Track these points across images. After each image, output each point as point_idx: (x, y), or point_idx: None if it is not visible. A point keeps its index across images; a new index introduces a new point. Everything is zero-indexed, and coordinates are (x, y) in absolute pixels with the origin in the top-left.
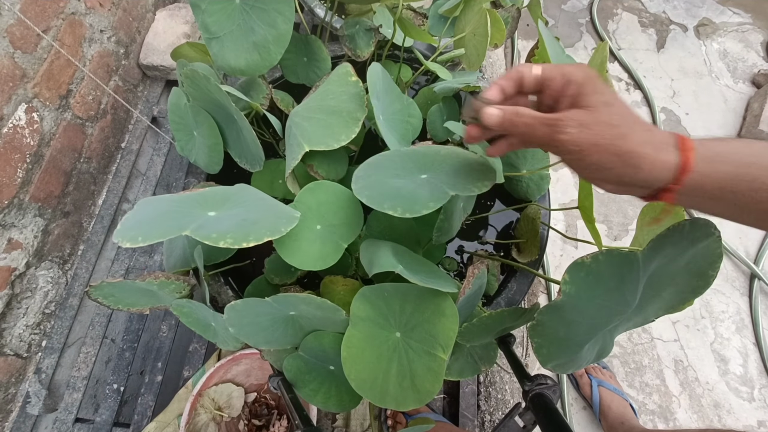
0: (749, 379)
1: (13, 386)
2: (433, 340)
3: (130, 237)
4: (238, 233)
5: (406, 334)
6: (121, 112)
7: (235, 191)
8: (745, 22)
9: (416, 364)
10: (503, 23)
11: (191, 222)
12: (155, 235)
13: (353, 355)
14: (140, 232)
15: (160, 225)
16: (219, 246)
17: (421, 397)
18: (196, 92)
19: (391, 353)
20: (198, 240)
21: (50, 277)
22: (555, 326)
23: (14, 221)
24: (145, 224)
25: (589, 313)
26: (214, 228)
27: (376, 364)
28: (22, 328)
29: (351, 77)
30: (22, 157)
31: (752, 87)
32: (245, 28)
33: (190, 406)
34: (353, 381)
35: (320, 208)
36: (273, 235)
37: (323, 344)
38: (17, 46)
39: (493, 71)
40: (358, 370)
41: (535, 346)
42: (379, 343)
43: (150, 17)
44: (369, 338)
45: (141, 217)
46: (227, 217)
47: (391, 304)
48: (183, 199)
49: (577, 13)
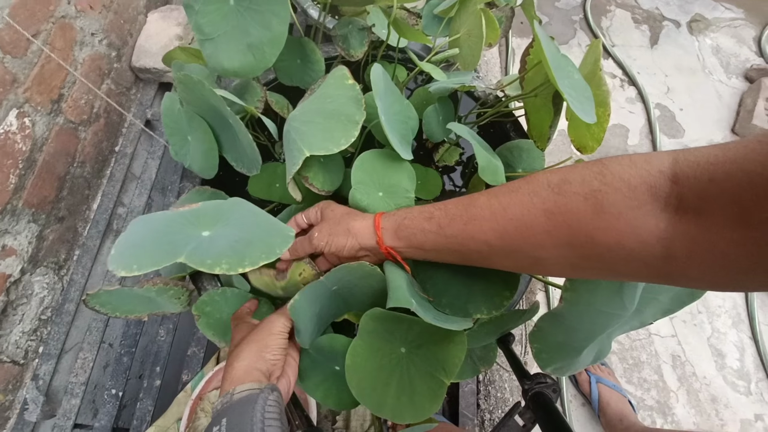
0: (746, 373)
1: (10, 393)
2: (438, 363)
3: (124, 265)
4: (233, 258)
5: (410, 351)
6: (115, 116)
7: (228, 207)
8: (737, 17)
9: (417, 382)
10: (497, 23)
11: (185, 244)
12: (149, 263)
13: (356, 364)
14: (134, 260)
15: (154, 251)
16: (215, 273)
17: (417, 414)
18: (189, 97)
19: (393, 366)
20: (193, 267)
21: (46, 283)
22: (554, 332)
23: (8, 227)
24: (139, 249)
25: (588, 318)
26: (208, 253)
27: (377, 374)
28: (19, 335)
29: (347, 80)
30: (15, 162)
31: (745, 82)
32: (240, 30)
33: (190, 410)
34: (353, 388)
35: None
36: (269, 258)
37: (334, 345)
38: (7, 50)
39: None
40: (359, 378)
41: (534, 350)
42: (383, 355)
43: (142, 19)
44: (373, 349)
45: (134, 240)
46: (221, 237)
47: (400, 322)
48: (175, 217)
49: (571, 11)
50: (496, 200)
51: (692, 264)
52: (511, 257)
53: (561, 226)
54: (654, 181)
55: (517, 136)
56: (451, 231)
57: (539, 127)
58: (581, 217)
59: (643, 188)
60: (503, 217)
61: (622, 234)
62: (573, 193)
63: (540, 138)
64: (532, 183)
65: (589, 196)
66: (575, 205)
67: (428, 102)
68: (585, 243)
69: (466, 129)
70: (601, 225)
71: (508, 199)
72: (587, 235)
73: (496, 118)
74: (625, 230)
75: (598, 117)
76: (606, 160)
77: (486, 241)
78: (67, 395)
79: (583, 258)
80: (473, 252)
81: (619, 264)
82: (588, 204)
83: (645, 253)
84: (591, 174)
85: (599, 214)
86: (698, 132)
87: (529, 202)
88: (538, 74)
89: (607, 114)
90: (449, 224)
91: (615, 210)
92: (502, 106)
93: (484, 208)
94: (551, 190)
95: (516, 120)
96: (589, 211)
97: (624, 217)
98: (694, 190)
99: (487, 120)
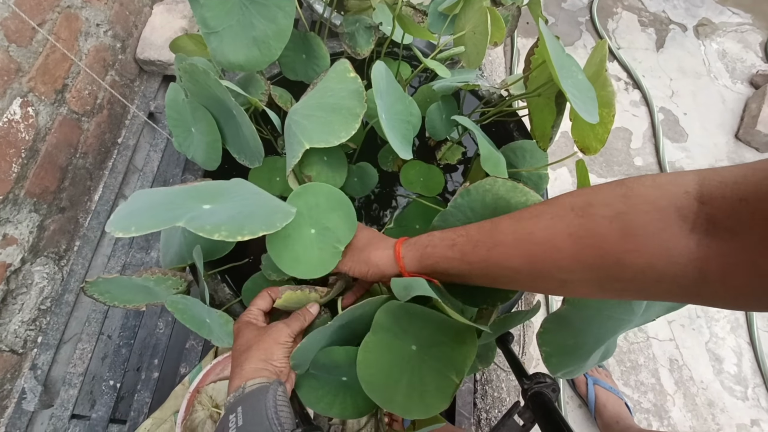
0: (743, 378)
1: (8, 382)
2: (449, 362)
3: (122, 227)
4: (233, 226)
5: (422, 350)
6: (118, 107)
7: (230, 185)
8: (744, 22)
9: (428, 380)
10: (503, 21)
11: (185, 213)
12: (148, 225)
13: (368, 359)
14: (133, 222)
15: (154, 215)
16: (213, 238)
17: (427, 410)
18: (194, 87)
19: (404, 364)
20: (191, 231)
21: (46, 273)
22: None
23: (9, 216)
24: (138, 214)
25: (598, 323)
26: (207, 220)
27: (389, 370)
28: (18, 324)
29: (349, 73)
30: (17, 152)
31: (750, 87)
32: (245, 23)
33: (187, 403)
34: (365, 383)
35: (311, 212)
36: (269, 230)
37: (333, 358)
38: (12, 39)
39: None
40: (371, 373)
41: (544, 355)
42: (394, 352)
43: (147, 11)
44: (385, 346)
45: (134, 207)
46: (222, 210)
47: (413, 320)
48: (178, 191)
49: (577, 12)
50: (519, 225)
51: (727, 284)
52: (539, 281)
53: (587, 249)
54: (681, 202)
55: (520, 137)
56: (474, 258)
57: (542, 127)
58: (608, 240)
59: (670, 210)
60: (528, 242)
61: (653, 256)
62: (598, 216)
63: (542, 138)
64: (555, 206)
65: (615, 219)
66: (601, 228)
67: (432, 100)
68: (613, 265)
69: (469, 121)
70: (629, 247)
71: (532, 224)
72: (615, 258)
73: (500, 117)
74: (655, 252)
75: (602, 118)
76: (628, 181)
77: (512, 266)
78: (65, 386)
79: (611, 280)
80: (500, 277)
81: (650, 285)
82: (614, 227)
83: (677, 274)
84: (614, 196)
85: (627, 236)
86: (702, 137)
87: (554, 226)
88: (542, 74)
89: (612, 115)
90: (473, 251)
91: (644, 232)
92: (505, 105)
93: (507, 234)
94: (575, 213)
95: (519, 120)
96: (616, 233)
97: (654, 239)
98: (724, 210)
99: (491, 119)
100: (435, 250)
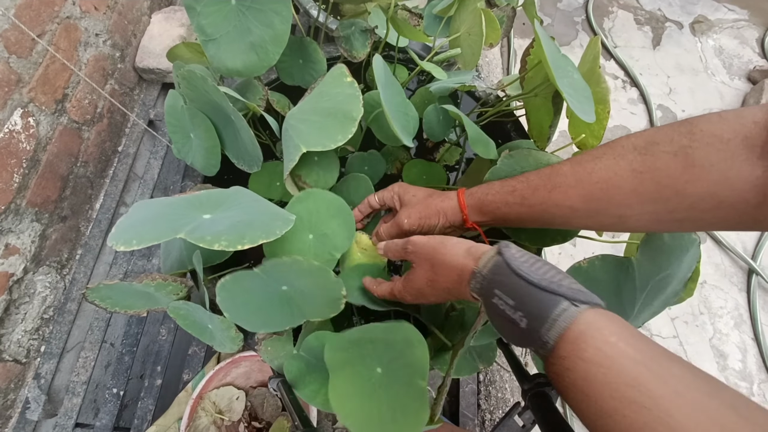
0: (748, 375)
1: (12, 392)
2: (411, 369)
3: (124, 240)
4: (233, 235)
5: (385, 369)
6: (118, 116)
7: (230, 194)
8: (740, 18)
9: (402, 395)
10: (498, 23)
11: (186, 224)
12: (149, 238)
13: (342, 404)
14: (134, 234)
15: (155, 228)
16: (214, 249)
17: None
18: (193, 94)
19: (375, 390)
20: (192, 243)
21: (48, 282)
22: None
23: (11, 226)
24: (139, 227)
25: None
26: (208, 230)
27: (367, 404)
28: (21, 334)
29: (346, 78)
30: (18, 162)
31: (748, 83)
32: (242, 29)
33: (191, 410)
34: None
35: (311, 218)
36: (268, 237)
37: (323, 342)
38: (12, 50)
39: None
40: (353, 417)
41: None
42: (362, 383)
43: (145, 20)
44: (351, 382)
45: (135, 219)
46: (222, 219)
47: (362, 345)
48: (178, 201)
49: (573, 12)
50: (580, 167)
51: None
52: (595, 218)
53: (647, 183)
54: (748, 131)
55: (517, 136)
56: (534, 200)
57: (539, 127)
58: (671, 173)
59: (737, 140)
60: (589, 182)
61: (714, 183)
62: (660, 151)
63: (540, 137)
64: (616, 148)
65: (679, 152)
66: (664, 162)
67: (429, 101)
68: (673, 196)
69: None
70: (691, 178)
71: (593, 164)
72: (676, 189)
73: (497, 118)
74: (717, 180)
75: (597, 114)
76: (693, 119)
77: (570, 206)
78: (69, 394)
79: (669, 211)
80: (556, 217)
81: (708, 213)
82: (677, 160)
83: (737, 200)
84: (679, 133)
85: (689, 167)
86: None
87: (615, 164)
88: (539, 74)
89: (607, 111)
90: (533, 194)
91: (707, 163)
92: (502, 105)
93: (568, 176)
94: (637, 152)
95: (517, 120)
96: (680, 166)
97: (716, 168)
98: None
99: (488, 120)
100: (496, 197)
